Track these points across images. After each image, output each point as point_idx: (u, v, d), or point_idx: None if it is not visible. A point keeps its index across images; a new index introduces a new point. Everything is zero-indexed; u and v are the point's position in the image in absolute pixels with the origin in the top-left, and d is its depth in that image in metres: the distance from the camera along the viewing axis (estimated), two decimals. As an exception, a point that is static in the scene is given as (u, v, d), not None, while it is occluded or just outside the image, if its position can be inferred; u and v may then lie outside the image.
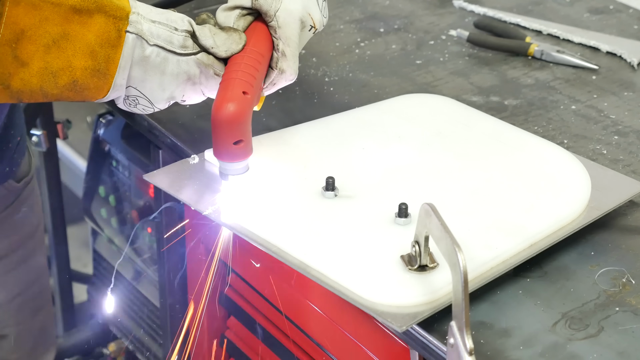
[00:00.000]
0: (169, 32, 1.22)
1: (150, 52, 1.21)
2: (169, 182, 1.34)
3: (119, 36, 1.19)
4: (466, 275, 1.05)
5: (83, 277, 2.18)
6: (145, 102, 1.25)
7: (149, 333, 1.88)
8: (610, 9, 1.96)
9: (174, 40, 1.22)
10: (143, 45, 1.20)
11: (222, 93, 1.21)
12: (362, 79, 1.70)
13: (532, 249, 1.25)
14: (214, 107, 1.21)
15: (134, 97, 1.24)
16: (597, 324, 1.18)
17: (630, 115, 1.60)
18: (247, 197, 1.30)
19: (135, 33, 1.19)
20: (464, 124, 1.48)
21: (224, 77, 1.23)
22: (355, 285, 1.17)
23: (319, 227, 1.26)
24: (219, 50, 1.24)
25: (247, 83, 1.22)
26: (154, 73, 1.22)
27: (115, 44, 1.19)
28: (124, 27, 1.19)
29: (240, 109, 1.21)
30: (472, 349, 1.05)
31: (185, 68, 1.23)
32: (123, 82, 1.21)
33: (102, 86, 1.20)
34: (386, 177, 1.35)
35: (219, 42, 1.24)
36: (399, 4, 1.97)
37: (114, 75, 1.20)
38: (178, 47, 1.22)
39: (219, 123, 1.21)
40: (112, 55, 1.19)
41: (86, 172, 1.96)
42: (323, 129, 1.46)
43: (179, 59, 1.23)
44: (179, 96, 1.26)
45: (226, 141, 1.22)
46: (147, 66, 1.21)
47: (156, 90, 1.23)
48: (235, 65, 1.24)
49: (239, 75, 1.22)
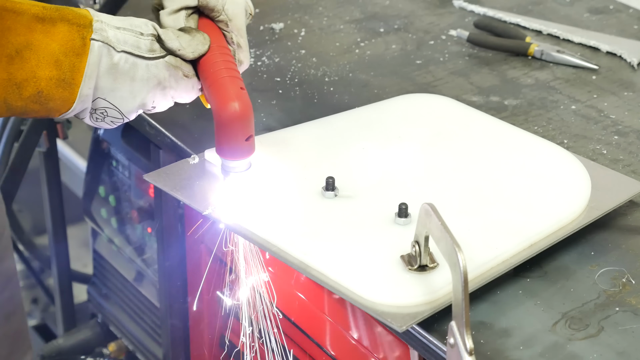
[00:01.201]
0: (135, 37, 1.20)
1: (119, 58, 1.18)
2: (169, 182, 1.34)
3: (83, 44, 1.16)
4: (466, 275, 1.05)
5: (83, 277, 2.18)
6: (114, 114, 1.22)
7: (149, 333, 1.88)
8: (610, 9, 1.96)
9: (141, 45, 1.20)
10: (110, 52, 1.18)
11: (222, 93, 1.21)
12: (362, 79, 1.70)
13: (532, 249, 1.25)
14: (219, 109, 1.20)
15: (103, 109, 1.21)
16: (597, 324, 1.18)
17: (630, 115, 1.60)
18: (247, 197, 1.30)
19: (101, 41, 1.17)
20: (464, 124, 1.48)
21: (213, 79, 1.22)
22: (355, 285, 1.17)
23: (319, 227, 1.26)
24: (186, 52, 1.23)
25: (238, 79, 1.23)
26: (123, 80, 1.20)
27: (80, 52, 1.16)
28: (88, 34, 1.17)
29: (247, 104, 1.21)
30: (472, 349, 1.05)
31: (155, 72, 1.21)
32: (89, 92, 1.18)
33: (68, 97, 1.17)
34: (386, 177, 1.35)
35: (184, 43, 1.22)
36: (399, 4, 1.97)
37: (79, 85, 1.17)
38: (146, 51, 1.20)
39: (230, 121, 1.20)
40: (77, 64, 1.16)
41: (86, 172, 1.96)
42: (323, 129, 1.46)
43: (148, 64, 1.21)
44: (149, 103, 1.24)
45: (239, 138, 1.22)
46: (116, 74, 1.19)
47: (127, 98, 1.21)
48: (215, 65, 1.23)
49: (229, 73, 1.22)
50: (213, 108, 1.22)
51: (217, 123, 1.21)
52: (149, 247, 1.80)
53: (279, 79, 1.68)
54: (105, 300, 2.01)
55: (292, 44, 1.80)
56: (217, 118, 1.21)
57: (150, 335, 1.88)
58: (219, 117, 1.21)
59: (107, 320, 2.02)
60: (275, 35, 1.83)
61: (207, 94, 1.23)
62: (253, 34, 1.82)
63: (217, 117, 1.21)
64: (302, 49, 1.78)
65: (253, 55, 1.75)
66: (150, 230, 1.78)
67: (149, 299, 1.86)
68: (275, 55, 1.75)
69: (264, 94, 1.63)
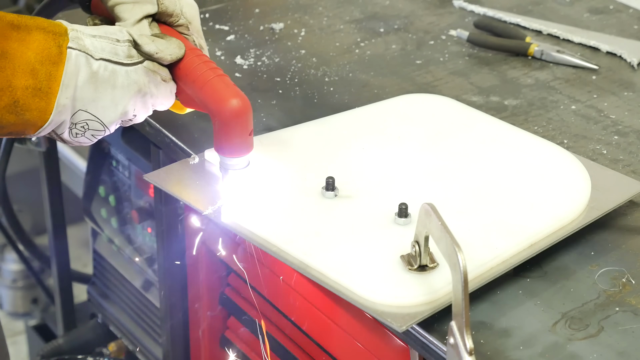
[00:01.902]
0: (112, 44, 1.19)
1: (98, 66, 1.17)
2: (169, 182, 1.34)
3: (60, 52, 1.15)
4: (466, 275, 1.05)
5: (83, 277, 2.18)
6: (96, 126, 1.20)
7: (149, 333, 1.88)
8: (610, 9, 1.96)
9: (119, 52, 1.19)
10: (89, 61, 1.16)
11: (218, 93, 1.21)
12: (362, 79, 1.70)
13: (532, 249, 1.25)
14: (219, 108, 1.20)
15: (84, 122, 1.19)
16: (597, 324, 1.18)
17: (630, 115, 1.60)
18: (247, 197, 1.30)
19: (78, 49, 1.16)
20: (464, 124, 1.48)
21: (202, 81, 1.22)
22: (355, 285, 1.17)
23: (319, 227, 1.26)
24: (164, 55, 1.22)
25: (226, 77, 1.23)
26: (104, 89, 1.18)
27: (57, 61, 1.15)
28: (64, 42, 1.15)
29: (245, 100, 1.22)
30: (472, 349, 1.05)
31: (135, 78, 1.20)
32: (67, 103, 1.16)
33: (45, 107, 1.15)
34: (386, 177, 1.35)
35: (161, 47, 1.21)
36: (399, 4, 1.97)
37: (56, 94, 1.15)
38: (124, 57, 1.19)
39: (232, 118, 1.21)
40: (54, 72, 1.14)
41: (86, 172, 1.96)
42: (323, 129, 1.46)
43: (127, 70, 1.19)
44: (130, 111, 1.22)
45: (243, 134, 1.22)
46: (97, 82, 1.17)
47: (108, 108, 1.19)
48: (198, 67, 1.23)
49: (215, 73, 1.23)
50: (211, 109, 1.22)
51: (219, 122, 1.21)
52: (149, 247, 1.80)
53: (279, 79, 1.68)
54: (105, 300, 2.01)
55: (292, 44, 1.80)
56: (218, 117, 1.21)
57: (150, 335, 1.88)
58: (221, 116, 1.21)
59: (107, 320, 2.02)
60: (275, 35, 1.83)
61: (199, 96, 1.23)
62: (253, 34, 1.82)
63: (218, 116, 1.21)
64: (302, 49, 1.78)
65: (253, 55, 1.75)
66: (150, 230, 1.78)
67: (148, 299, 1.86)
68: (275, 55, 1.75)
69: (264, 94, 1.63)
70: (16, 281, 2.87)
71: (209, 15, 1.89)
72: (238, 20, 1.87)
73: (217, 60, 1.73)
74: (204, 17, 1.87)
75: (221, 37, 1.81)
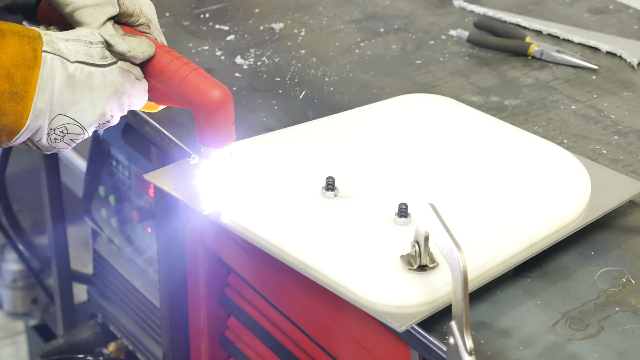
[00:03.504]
0: (86, 46, 1.18)
1: (74, 69, 1.17)
2: (169, 182, 1.34)
3: (35, 56, 1.14)
4: (466, 275, 1.05)
5: (83, 277, 2.18)
6: (75, 129, 1.19)
7: (149, 333, 1.88)
8: (610, 9, 1.96)
9: (93, 53, 1.19)
10: (65, 64, 1.16)
11: (199, 86, 1.22)
12: (362, 79, 1.70)
13: (532, 249, 1.25)
14: (202, 101, 1.21)
15: (62, 126, 1.18)
16: (597, 324, 1.18)
17: (630, 115, 1.60)
18: (247, 196, 1.30)
19: (53, 53, 1.16)
20: (464, 124, 1.48)
21: (179, 77, 1.22)
22: (355, 285, 1.17)
23: (319, 227, 1.26)
24: (136, 53, 1.22)
25: (202, 69, 1.24)
26: (82, 91, 1.18)
27: (32, 65, 1.14)
28: (39, 46, 1.15)
29: (226, 90, 1.23)
30: (472, 349, 1.05)
31: (111, 78, 1.20)
32: (44, 107, 1.16)
33: (21, 111, 1.15)
34: (386, 177, 1.35)
35: (133, 45, 1.22)
36: (399, 4, 1.97)
37: (32, 98, 1.14)
38: (99, 58, 1.19)
39: (216, 109, 1.22)
40: (30, 76, 1.14)
41: (86, 172, 1.96)
42: (323, 129, 1.46)
43: (103, 71, 1.19)
44: (108, 112, 1.22)
45: (227, 124, 1.24)
46: (74, 85, 1.17)
47: (87, 110, 1.19)
48: (172, 64, 1.23)
49: (191, 67, 1.23)
50: (193, 103, 1.22)
51: (203, 114, 1.22)
52: (149, 247, 1.80)
53: (279, 79, 1.68)
54: (105, 300, 2.01)
55: (292, 44, 1.80)
56: (202, 109, 1.22)
57: (150, 335, 1.88)
58: (205, 108, 1.22)
59: (107, 320, 2.02)
60: (275, 35, 1.83)
61: (178, 92, 1.23)
62: (253, 34, 1.82)
63: (202, 109, 1.22)
64: (302, 49, 1.78)
65: (253, 55, 1.75)
66: (150, 230, 1.78)
67: (149, 299, 1.86)
68: (275, 55, 1.75)
69: (264, 94, 1.63)
70: (16, 281, 2.87)
71: (209, 15, 1.89)
72: (238, 20, 1.87)
73: (217, 60, 1.73)
74: (204, 17, 1.88)
75: (221, 37, 1.81)
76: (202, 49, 1.77)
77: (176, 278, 1.67)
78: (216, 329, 1.63)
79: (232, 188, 1.29)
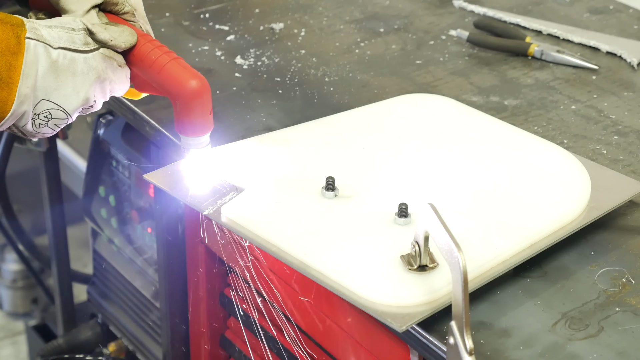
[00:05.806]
0: (68, 33, 1.20)
1: (57, 55, 1.18)
2: (169, 182, 1.34)
3: (18, 42, 1.16)
4: (466, 275, 1.05)
5: (83, 277, 2.18)
6: (59, 114, 1.21)
7: (149, 333, 1.88)
8: (610, 9, 1.96)
9: (75, 40, 1.20)
10: (48, 51, 1.18)
11: (177, 75, 1.23)
12: (362, 79, 1.70)
13: (532, 249, 1.25)
14: (180, 90, 1.22)
15: (46, 111, 1.20)
16: (597, 324, 1.18)
17: (630, 115, 1.60)
18: (247, 196, 1.30)
19: (36, 39, 1.17)
20: (464, 124, 1.48)
21: (158, 66, 1.24)
22: (355, 285, 1.17)
23: (319, 227, 1.26)
24: (118, 42, 1.23)
25: (181, 59, 1.25)
26: (65, 77, 1.20)
27: (16, 51, 1.16)
28: (22, 33, 1.17)
29: (204, 80, 1.24)
30: (472, 349, 1.05)
31: (94, 64, 1.22)
32: (28, 92, 1.18)
33: (7, 97, 1.17)
34: (386, 177, 1.35)
35: (115, 34, 1.23)
36: (399, 4, 1.97)
37: (17, 84, 1.16)
38: (81, 45, 1.21)
39: (193, 98, 1.23)
40: (14, 62, 1.16)
41: (86, 172, 1.96)
42: (323, 129, 1.46)
43: (85, 57, 1.21)
44: (91, 97, 1.23)
45: (204, 113, 1.25)
46: (57, 71, 1.19)
47: (70, 95, 1.21)
48: (152, 53, 1.25)
49: (170, 57, 1.24)
50: (171, 92, 1.24)
51: (180, 103, 1.24)
52: (149, 247, 1.80)
53: (279, 79, 1.68)
54: (105, 300, 2.01)
55: (292, 44, 1.80)
56: (179, 99, 1.23)
57: (150, 335, 1.88)
58: (182, 97, 1.23)
59: (107, 320, 2.02)
60: (275, 35, 1.83)
61: (157, 81, 1.25)
62: (253, 34, 1.82)
63: (179, 98, 1.23)
64: (302, 49, 1.78)
65: (253, 55, 1.75)
66: (150, 230, 1.78)
67: (149, 299, 1.86)
68: (275, 55, 1.75)
69: (264, 94, 1.63)
70: (16, 281, 2.87)
71: (209, 15, 1.89)
72: (238, 20, 1.87)
73: (217, 60, 1.73)
74: (204, 17, 1.88)
75: (221, 37, 1.81)
76: (202, 49, 1.77)
77: (176, 278, 1.67)
78: (216, 329, 1.63)
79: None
